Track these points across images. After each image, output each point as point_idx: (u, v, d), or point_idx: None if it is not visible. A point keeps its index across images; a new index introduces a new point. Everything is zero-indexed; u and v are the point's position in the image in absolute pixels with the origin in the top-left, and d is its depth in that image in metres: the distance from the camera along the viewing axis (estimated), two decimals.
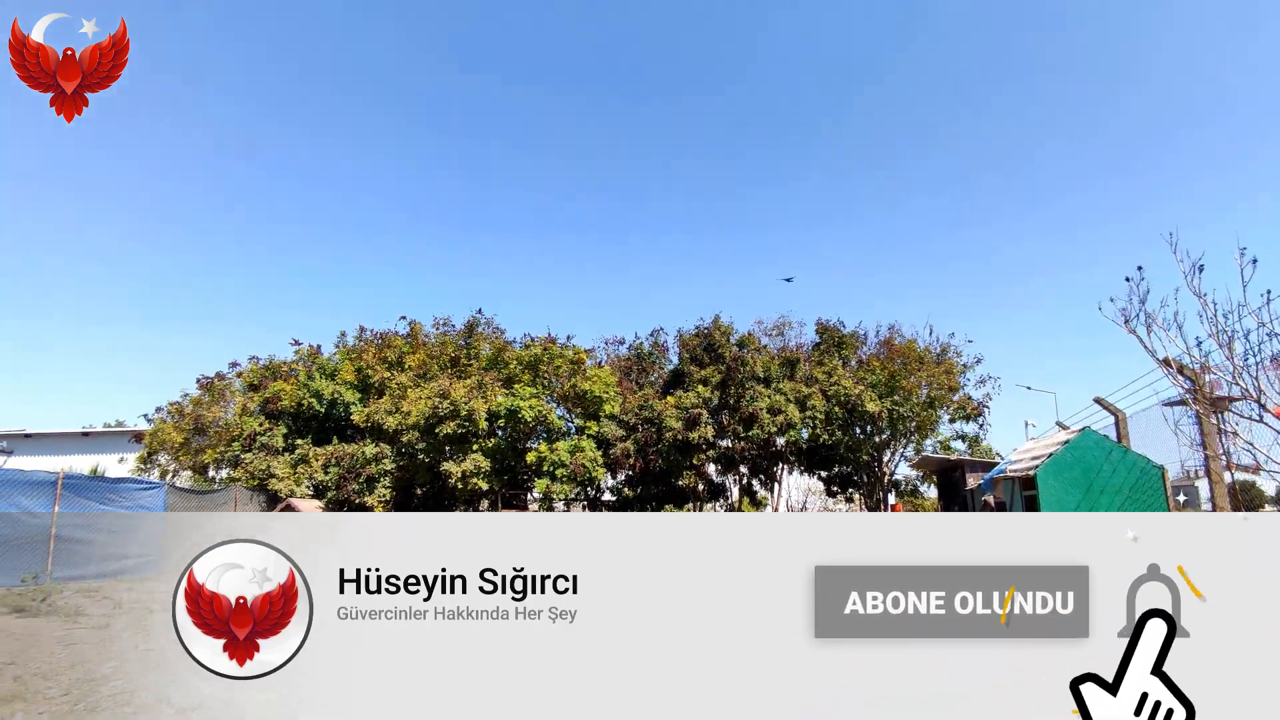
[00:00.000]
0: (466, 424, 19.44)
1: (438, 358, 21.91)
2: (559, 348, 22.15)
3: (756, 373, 21.65)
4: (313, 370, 21.85)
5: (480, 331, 23.13)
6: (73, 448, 29.98)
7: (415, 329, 22.90)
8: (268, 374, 21.87)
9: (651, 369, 24.70)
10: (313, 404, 20.98)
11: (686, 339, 23.72)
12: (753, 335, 23.32)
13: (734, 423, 21.66)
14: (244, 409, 21.14)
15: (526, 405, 19.87)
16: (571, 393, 20.99)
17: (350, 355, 22.06)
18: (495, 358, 22.00)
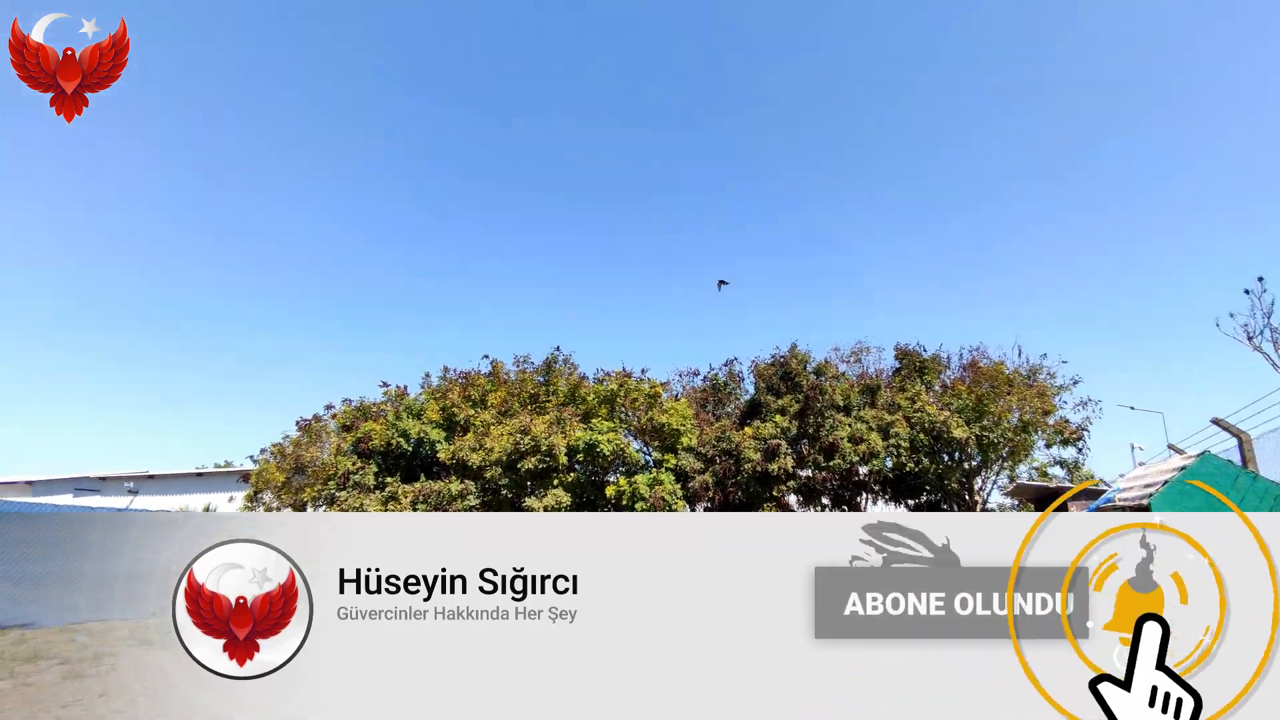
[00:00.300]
0: (547, 459, 19.63)
1: (518, 395, 22.30)
2: (634, 382, 22.12)
3: (836, 401, 21.15)
4: (400, 410, 22.54)
5: (558, 368, 23.47)
6: (188, 487, 31.92)
7: (497, 367, 23.38)
8: (359, 415, 22.83)
9: (727, 400, 24.40)
10: (401, 443, 21.54)
11: (762, 368, 23.30)
12: (830, 362, 22.85)
13: (814, 453, 21.01)
14: (338, 449, 21.85)
15: (604, 439, 19.97)
16: (648, 426, 21.04)
17: (435, 395, 22.70)
18: (572, 393, 22.32)
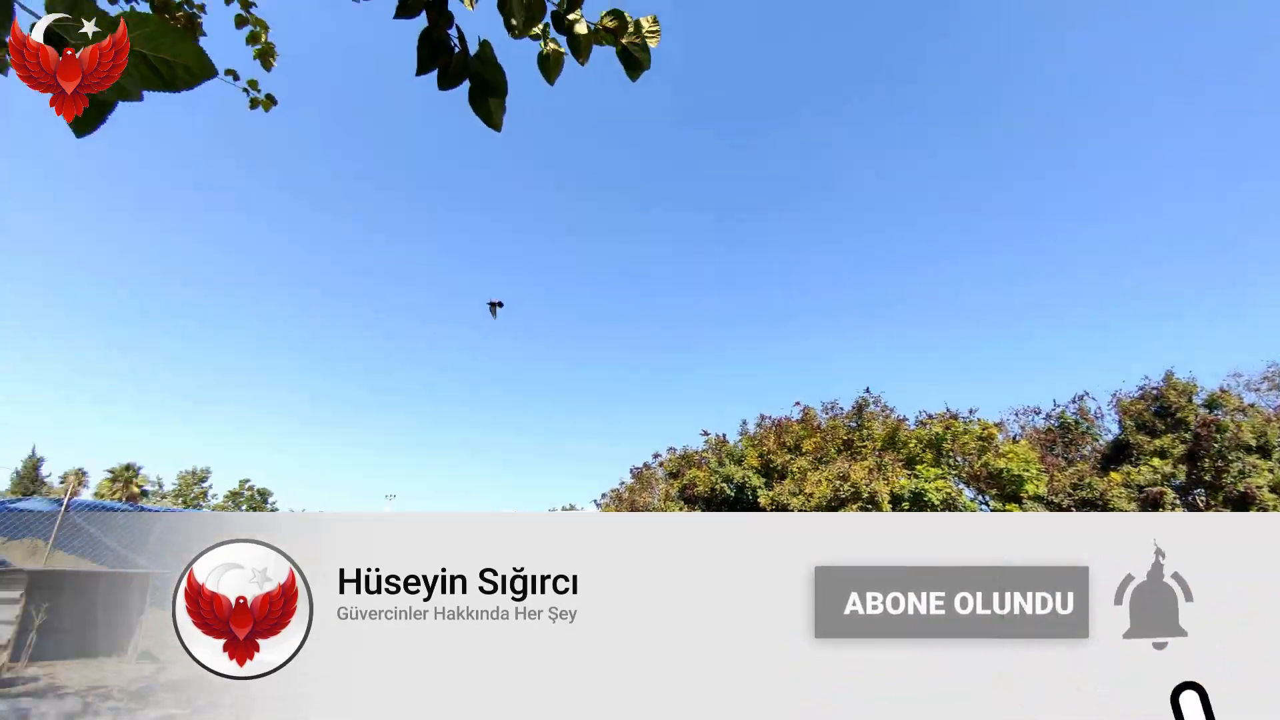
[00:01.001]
0: (869, 506, 19.05)
1: (832, 440, 21.91)
2: (961, 423, 20.62)
3: (1245, 440, 17.44)
4: (721, 457, 23.22)
5: (869, 411, 22.94)
6: None
7: (808, 414, 23.22)
8: (684, 462, 23.92)
9: (1081, 441, 21.12)
10: (724, 488, 22.24)
11: (1128, 403, 20.00)
12: (1227, 392, 19.10)
13: (1216, 503, 17.74)
14: (666, 494, 23.09)
15: (932, 487, 18.68)
16: (982, 472, 19.23)
17: (753, 441, 23.05)
18: (890, 437, 21.43)
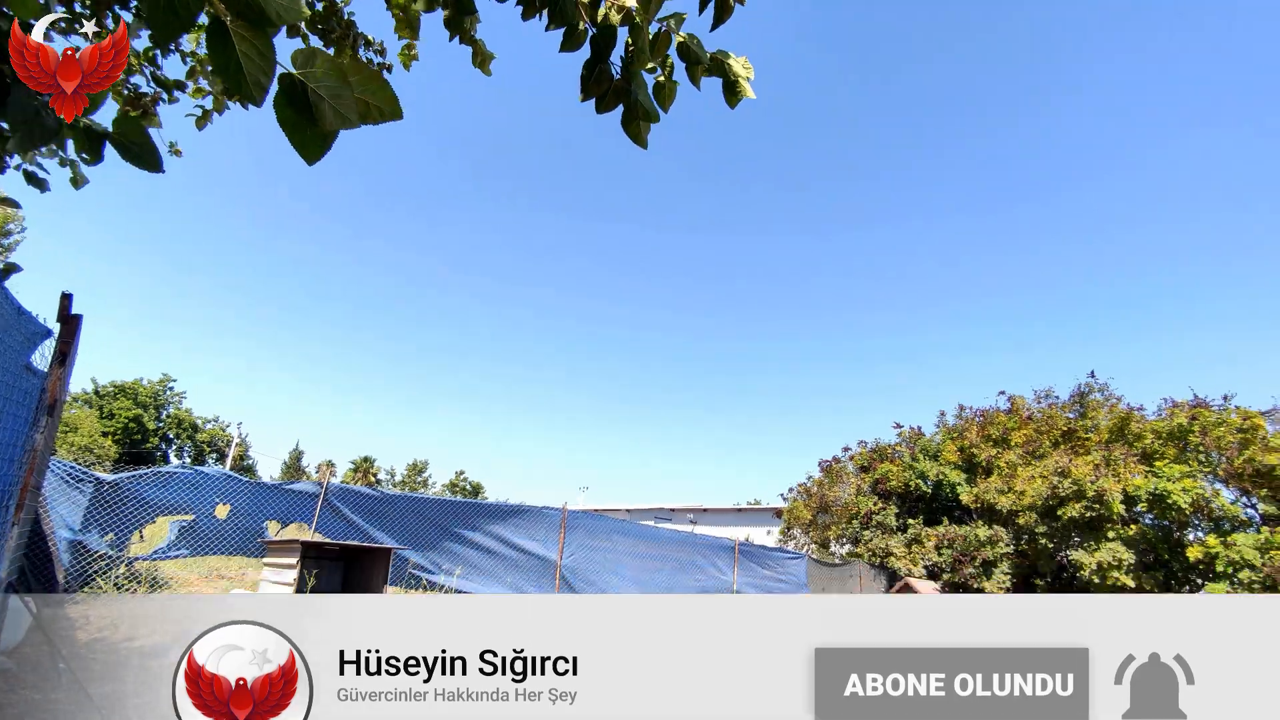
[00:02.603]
0: (1096, 506, 16.77)
1: (1047, 432, 19.78)
2: (1212, 412, 17.75)
3: None
4: (916, 451, 21.98)
5: (1093, 399, 20.43)
6: (731, 520, 36.53)
7: (1016, 403, 21.32)
8: (875, 456, 22.65)
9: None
10: (919, 484, 20.85)
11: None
12: None
13: None
14: (858, 489, 21.60)
15: (1177, 487, 16.38)
16: (1245, 470, 16.40)
17: (952, 435, 21.56)
18: (1120, 428, 18.92)
